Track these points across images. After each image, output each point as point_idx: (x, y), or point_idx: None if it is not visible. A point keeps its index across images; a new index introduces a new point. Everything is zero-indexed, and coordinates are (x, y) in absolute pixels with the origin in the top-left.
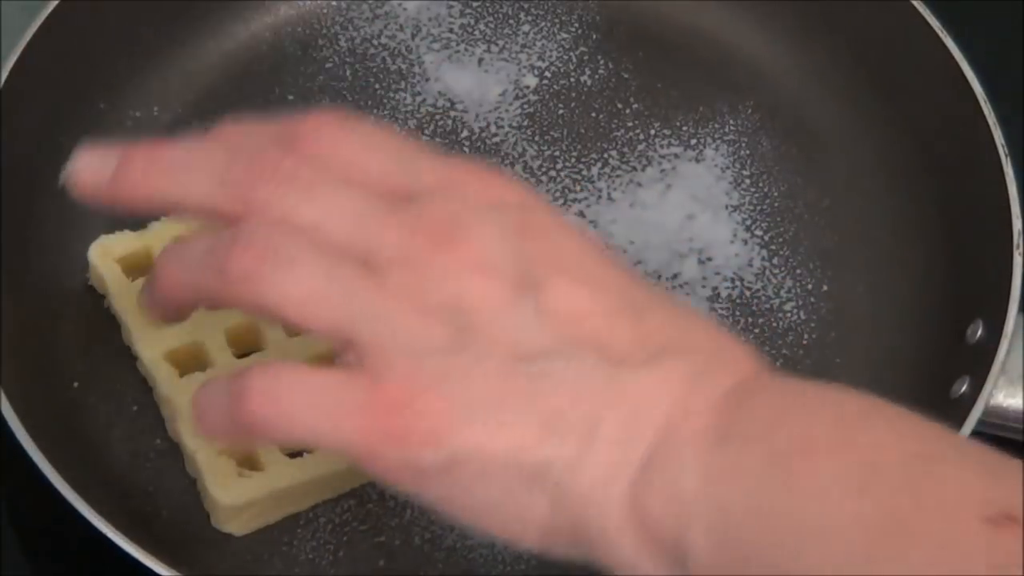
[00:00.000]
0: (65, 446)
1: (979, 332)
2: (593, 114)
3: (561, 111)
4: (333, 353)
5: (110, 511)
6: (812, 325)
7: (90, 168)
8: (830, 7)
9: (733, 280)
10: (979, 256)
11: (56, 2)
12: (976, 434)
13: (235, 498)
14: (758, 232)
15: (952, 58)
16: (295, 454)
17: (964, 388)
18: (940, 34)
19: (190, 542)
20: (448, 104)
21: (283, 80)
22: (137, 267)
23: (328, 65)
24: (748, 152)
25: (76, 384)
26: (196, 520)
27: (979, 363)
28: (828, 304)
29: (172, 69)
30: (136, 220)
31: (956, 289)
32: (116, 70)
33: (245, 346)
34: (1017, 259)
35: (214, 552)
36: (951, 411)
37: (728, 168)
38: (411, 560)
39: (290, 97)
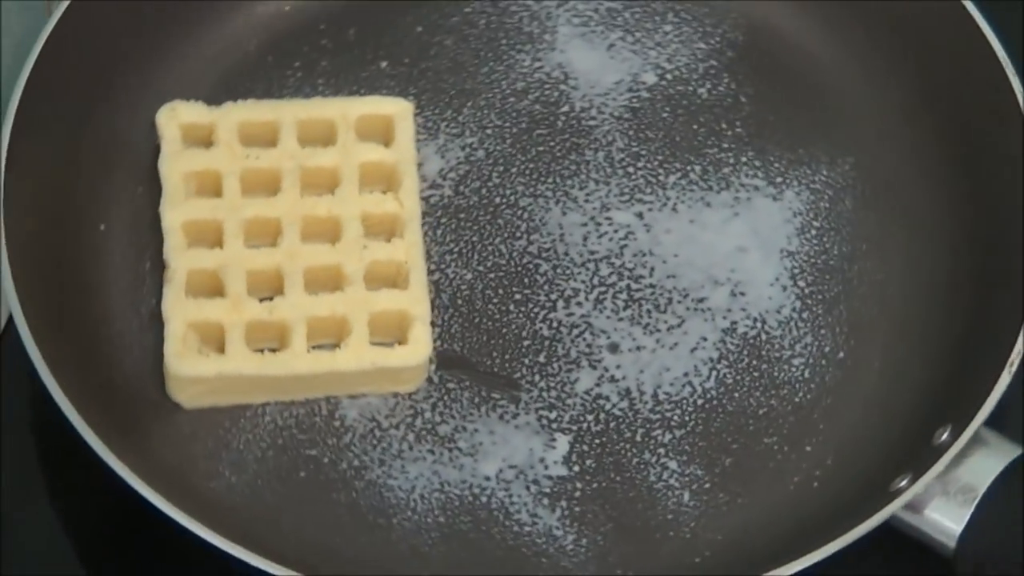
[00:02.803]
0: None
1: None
2: (694, 126)
3: (665, 114)
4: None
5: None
6: (812, 386)
7: None
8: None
9: (755, 320)
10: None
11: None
12: None
13: (185, 371)
14: (801, 283)
15: None
16: (260, 349)
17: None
18: None
19: (141, 405)
20: (562, 77)
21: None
22: (197, 138)
23: (467, 10)
24: (827, 206)
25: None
26: (154, 385)
27: None
28: (837, 372)
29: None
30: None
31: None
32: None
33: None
34: None
35: (157, 419)
36: None
37: (800, 214)
38: (327, 482)
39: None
